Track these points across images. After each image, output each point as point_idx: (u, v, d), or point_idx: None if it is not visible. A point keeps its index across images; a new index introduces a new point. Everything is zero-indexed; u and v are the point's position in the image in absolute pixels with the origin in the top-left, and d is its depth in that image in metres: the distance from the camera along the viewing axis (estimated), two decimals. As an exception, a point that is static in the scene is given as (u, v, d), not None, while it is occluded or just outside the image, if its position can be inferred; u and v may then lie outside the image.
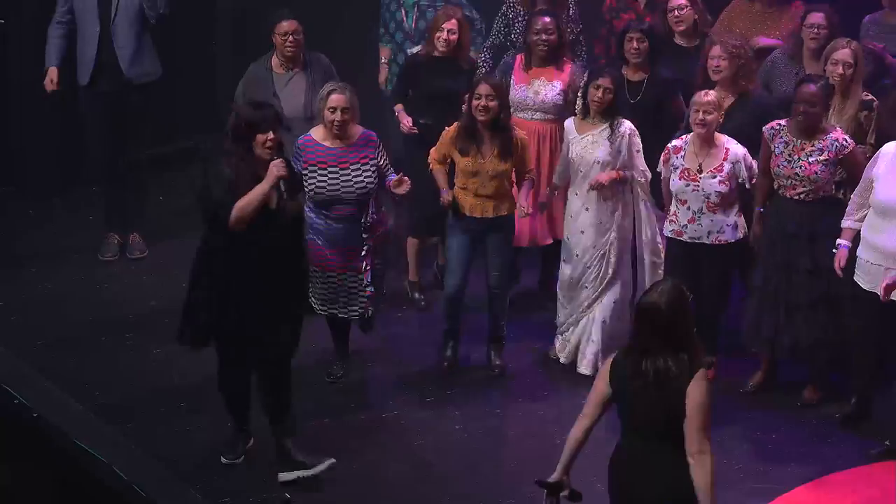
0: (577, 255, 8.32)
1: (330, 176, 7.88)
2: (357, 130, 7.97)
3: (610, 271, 8.31)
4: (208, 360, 8.44)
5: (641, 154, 8.23)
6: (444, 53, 8.83)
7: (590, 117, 8.22)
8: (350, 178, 7.87)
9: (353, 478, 7.29)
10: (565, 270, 8.40)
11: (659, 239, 8.31)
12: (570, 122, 8.32)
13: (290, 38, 8.73)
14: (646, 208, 8.30)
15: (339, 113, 7.85)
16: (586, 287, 8.33)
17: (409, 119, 8.80)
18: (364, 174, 7.87)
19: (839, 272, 7.56)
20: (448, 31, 8.79)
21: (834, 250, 7.63)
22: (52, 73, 9.51)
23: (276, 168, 6.97)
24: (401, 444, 7.38)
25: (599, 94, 8.13)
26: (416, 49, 9.39)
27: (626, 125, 8.21)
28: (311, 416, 7.85)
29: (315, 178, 7.87)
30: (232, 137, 7.09)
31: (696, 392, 5.48)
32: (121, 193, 9.84)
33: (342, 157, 7.89)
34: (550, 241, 8.87)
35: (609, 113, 8.16)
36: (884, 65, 8.82)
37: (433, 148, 8.25)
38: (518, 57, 8.92)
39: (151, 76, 9.57)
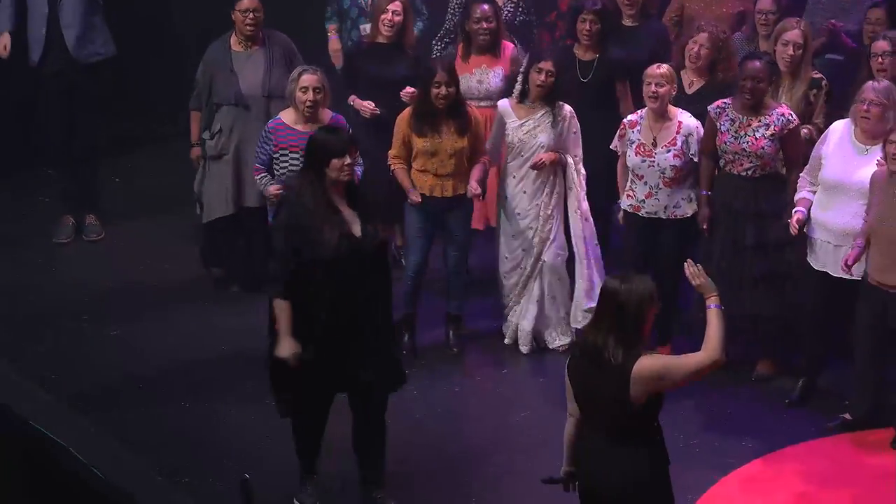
0: (512, 237, 8.35)
1: (301, 160, 7.86)
2: (327, 115, 7.98)
3: (543, 252, 8.34)
4: (166, 340, 8.48)
5: (578, 136, 8.26)
6: (388, 38, 8.80)
7: (528, 101, 8.23)
8: None
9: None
10: (502, 252, 8.43)
11: (584, 232, 8.32)
12: (505, 105, 8.29)
13: (251, 15, 8.71)
14: (578, 200, 8.32)
15: (311, 93, 7.85)
16: (521, 267, 8.37)
17: (369, 103, 8.77)
18: None
19: (794, 231, 7.61)
20: (392, 13, 8.78)
21: (789, 220, 7.71)
22: (5, 39, 9.45)
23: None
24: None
25: (542, 78, 8.13)
26: (369, 25, 9.38)
27: (567, 109, 8.24)
28: (271, 398, 7.85)
29: (287, 161, 7.88)
30: (306, 163, 6.70)
31: (643, 365, 5.43)
32: (75, 175, 9.80)
33: None
34: None
35: (551, 97, 8.18)
36: (837, 41, 8.91)
37: (391, 148, 8.20)
38: (457, 46, 8.91)
39: (101, 56, 9.51)
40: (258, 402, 7.81)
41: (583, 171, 8.31)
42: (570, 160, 8.25)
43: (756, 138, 7.81)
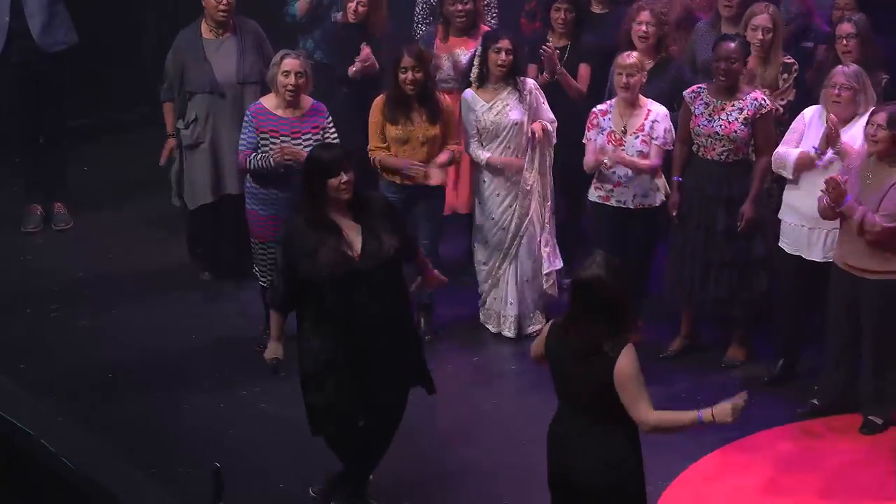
0: (493, 219, 8.36)
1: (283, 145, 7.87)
2: (308, 101, 7.97)
3: (523, 232, 8.36)
4: (136, 331, 8.45)
5: (546, 104, 8.29)
6: (357, 16, 8.87)
7: (490, 82, 8.21)
8: (303, 147, 7.83)
9: (285, 447, 7.31)
10: (479, 237, 8.44)
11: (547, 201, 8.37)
12: (470, 94, 8.28)
13: (223, 2, 8.66)
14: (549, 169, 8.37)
15: (293, 77, 7.83)
16: (501, 249, 8.38)
17: (365, 50, 8.75)
18: (316, 142, 7.85)
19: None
20: (357, 3, 8.82)
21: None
22: None
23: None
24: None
25: (502, 57, 8.13)
26: (340, 13, 9.38)
27: (530, 82, 8.27)
28: (242, 386, 7.85)
29: (269, 146, 7.86)
30: (304, 181, 6.52)
31: (623, 366, 5.47)
32: (43, 164, 9.75)
33: (295, 126, 7.89)
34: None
35: (511, 74, 8.18)
36: (811, 24, 8.93)
37: (369, 141, 8.17)
38: (437, 27, 8.93)
39: (64, 45, 9.46)
40: (229, 390, 7.82)
41: (554, 139, 8.33)
42: (550, 127, 8.29)
43: (729, 122, 7.83)
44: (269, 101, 7.97)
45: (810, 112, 7.72)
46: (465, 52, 8.79)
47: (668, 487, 6.97)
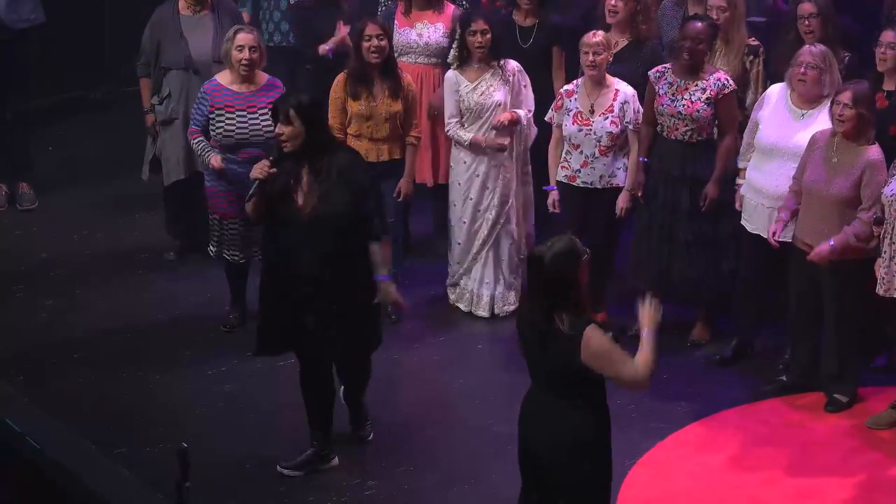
0: (470, 198, 8.36)
1: (238, 119, 7.86)
2: (263, 77, 7.98)
3: (503, 213, 8.36)
4: (101, 311, 8.42)
5: (530, 89, 8.29)
6: None
7: (472, 63, 8.21)
8: (258, 122, 7.83)
9: (251, 427, 7.30)
10: (458, 216, 8.44)
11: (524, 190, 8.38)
12: (453, 75, 8.28)
13: None
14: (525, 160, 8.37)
15: (246, 51, 7.83)
16: (480, 231, 8.38)
17: (343, 30, 8.74)
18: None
19: (739, 208, 7.71)
20: None
21: (735, 187, 7.81)
22: None
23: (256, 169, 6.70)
24: (295, 392, 7.39)
25: (479, 39, 8.13)
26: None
27: (513, 64, 8.26)
28: (207, 366, 7.83)
29: (223, 121, 7.85)
30: None
31: (593, 348, 5.46)
32: (7, 143, 9.68)
33: (250, 100, 7.88)
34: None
35: (492, 54, 8.18)
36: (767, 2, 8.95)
37: (330, 117, 8.17)
38: (399, 2, 8.91)
39: (32, 22, 9.39)
40: (194, 370, 7.80)
41: (535, 128, 8.34)
42: (523, 116, 8.26)
43: (692, 102, 7.84)
44: (223, 78, 7.96)
45: (775, 90, 7.73)
46: (428, 25, 8.77)
47: (635, 466, 6.98)
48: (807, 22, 8.00)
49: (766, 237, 7.63)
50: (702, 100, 7.83)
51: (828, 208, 7.28)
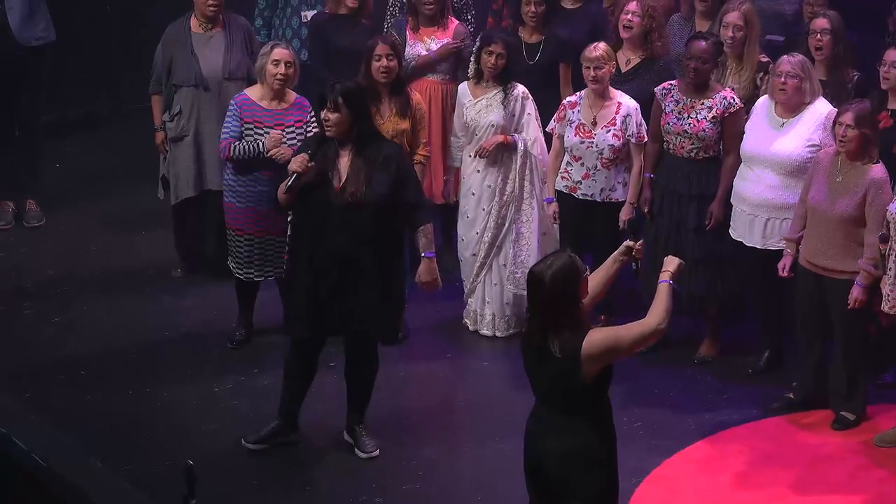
0: (468, 217, 8.37)
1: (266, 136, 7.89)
2: (292, 95, 8.01)
3: (501, 234, 8.35)
4: (108, 328, 8.42)
5: (533, 117, 8.28)
6: (351, 9, 8.85)
7: (483, 81, 8.25)
8: (285, 140, 7.86)
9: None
10: (460, 233, 8.46)
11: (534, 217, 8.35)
12: (464, 87, 8.36)
13: None
14: (534, 183, 8.33)
15: (282, 66, 7.86)
16: (478, 250, 8.38)
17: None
18: (298, 137, 7.86)
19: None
20: None
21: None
22: None
23: (294, 163, 6.90)
24: (302, 407, 7.41)
25: (492, 60, 8.16)
26: (311, 12, 9.35)
27: (520, 89, 8.26)
28: (214, 382, 7.84)
29: (252, 137, 7.88)
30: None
31: (595, 347, 5.44)
32: (17, 160, 9.70)
33: (279, 118, 7.91)
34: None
35: (503, 77, 8.21)
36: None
37: None
38: (408, 17, 8.94)
39: (44, 40, 9.43)
40: (201, 386, 7.80)
41: (539, 155, 8.31)
42: (520, 143, 8.25)
43: (698, 120, 7.85)
44: (253, 93, 7.98)
45: (760, 102, 7.79)
46: (436, 40, 8.80)
47: (642, 483, 6.98)
48: (819, 36, 8.01)
49: (748, 245, 7.71)
50: (708, 119, 7.84)
51: (832, 228, 7.29)
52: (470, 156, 8.34)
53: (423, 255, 7.09)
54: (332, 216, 6.83)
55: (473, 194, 8.35)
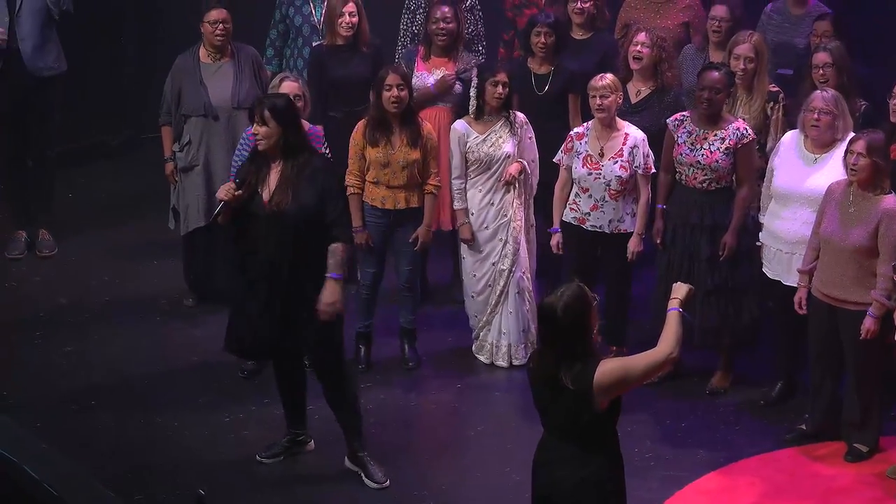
0: (480, 253, 8.35)
1: None
2: (304, 125, 7.97)
3: (514, 263, 8.35)
4: (119, 357, 8.43)
5: (534, 141, 8.34)
6: (346, 39, 8.85)
7: (484, 116, 8.25)
8: None
9: (268, 472, 7.28)
10: (469, 271, 8.42)
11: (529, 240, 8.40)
12: (463, 126, 8.28)
13: (220, 26, 8.69)
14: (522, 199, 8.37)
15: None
16: (494, 282, 8.36)
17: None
18: None
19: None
20: (349, 14, 8.83)
21: (758, 243, 7.84)
22: None
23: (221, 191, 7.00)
24: (314, 438, 7.39)
25: (499, 90, 8.17)
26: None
27: (520, 115, 8.30)
28: (225, 412, 7.83)
29: None
30: None
31: (606, 378, 5.44)
32: (27, 189, 9.73)
33: None
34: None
35: (504, 107, 8.23)
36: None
37: (349, 165, 8.17)
38: (419, 47, 8.96)
39: (55, 70, 9.47)
40: (212, 416, 7.79)
41: (536, 176, 8.36)
42: (527, 165, 8.29)
43: (711, 151, 7.85)
44: None
45: (788, 137, 7.76)
46: (445, 71, 8.82)
47: (653, 514, 6.97)
48: (821, 71, 8.03)
49: (785, 283, 7.63)
50: (721, 150, 7.84)
51: (845, 258, 7.27)
52: (480, 190, 8.33)
53: (327, 275, 6.93)
54: (261, 227, 6.91)
55: (486, 228, 8.35)
